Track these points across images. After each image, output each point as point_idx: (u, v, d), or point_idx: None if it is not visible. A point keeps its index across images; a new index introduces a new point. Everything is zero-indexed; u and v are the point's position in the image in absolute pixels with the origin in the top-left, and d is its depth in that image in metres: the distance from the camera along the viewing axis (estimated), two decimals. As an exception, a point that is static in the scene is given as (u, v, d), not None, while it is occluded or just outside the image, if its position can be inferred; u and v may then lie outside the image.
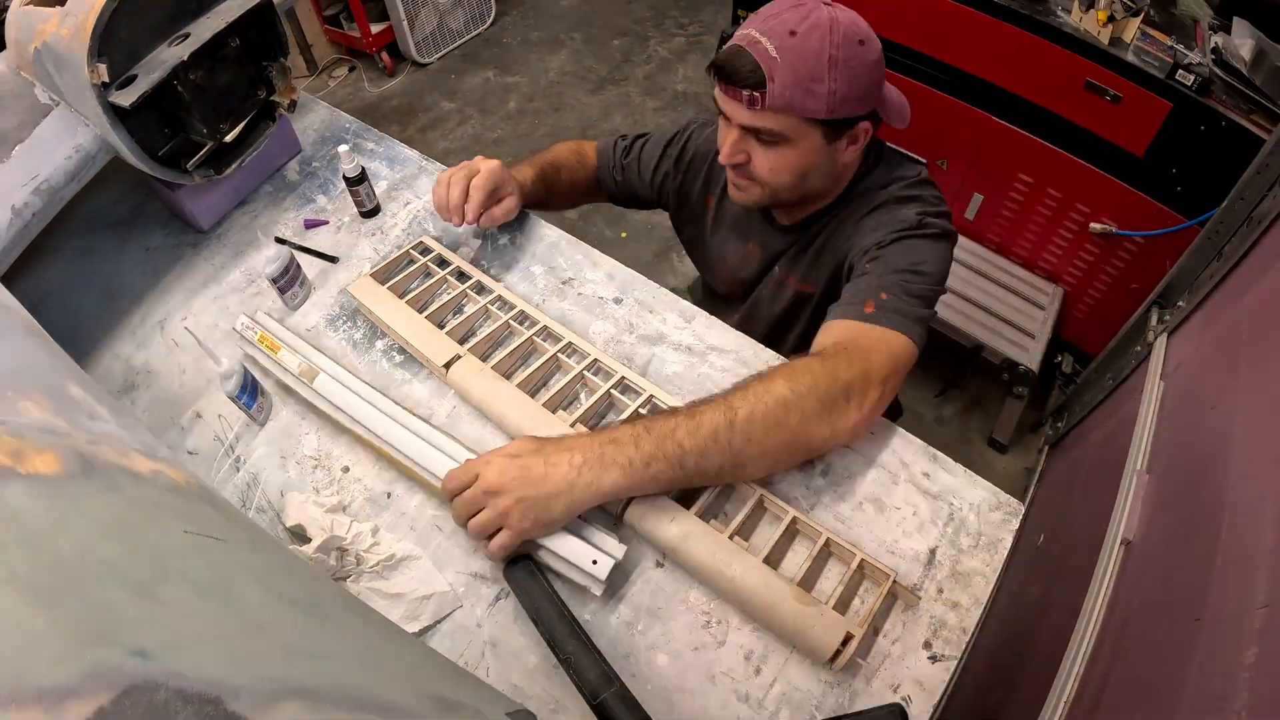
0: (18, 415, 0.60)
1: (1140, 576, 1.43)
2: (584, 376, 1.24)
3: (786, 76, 1.14)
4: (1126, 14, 2.07)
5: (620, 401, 1.21)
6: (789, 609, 0.97)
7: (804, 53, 1.13)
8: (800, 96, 1.16)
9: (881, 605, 1.01)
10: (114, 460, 0.60)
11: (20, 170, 1.26)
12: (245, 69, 1.44)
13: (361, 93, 4.29)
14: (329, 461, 1.22)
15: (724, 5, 4.46)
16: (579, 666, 0.94)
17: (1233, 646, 1.00)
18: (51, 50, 1.22)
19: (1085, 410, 2.36)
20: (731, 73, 1.17)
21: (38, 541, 0.47)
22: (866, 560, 1.03)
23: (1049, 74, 2.17)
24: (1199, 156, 2.04)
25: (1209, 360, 1.65)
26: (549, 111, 4.11)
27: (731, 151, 1.27)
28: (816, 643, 0.96)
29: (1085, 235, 2.41)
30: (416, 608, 1.04)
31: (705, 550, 1.02)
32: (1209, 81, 1.96)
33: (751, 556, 1.01)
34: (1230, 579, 1.12)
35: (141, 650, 0.41)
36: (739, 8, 2.66)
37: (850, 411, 1.07)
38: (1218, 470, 1.31)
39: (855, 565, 1.03)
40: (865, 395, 1.08)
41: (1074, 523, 1.94)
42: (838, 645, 0.95)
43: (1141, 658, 1.27)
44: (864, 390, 1.08)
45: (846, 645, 0.95)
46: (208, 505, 0.63)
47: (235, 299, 1.45)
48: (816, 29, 1.13)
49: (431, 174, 1.66)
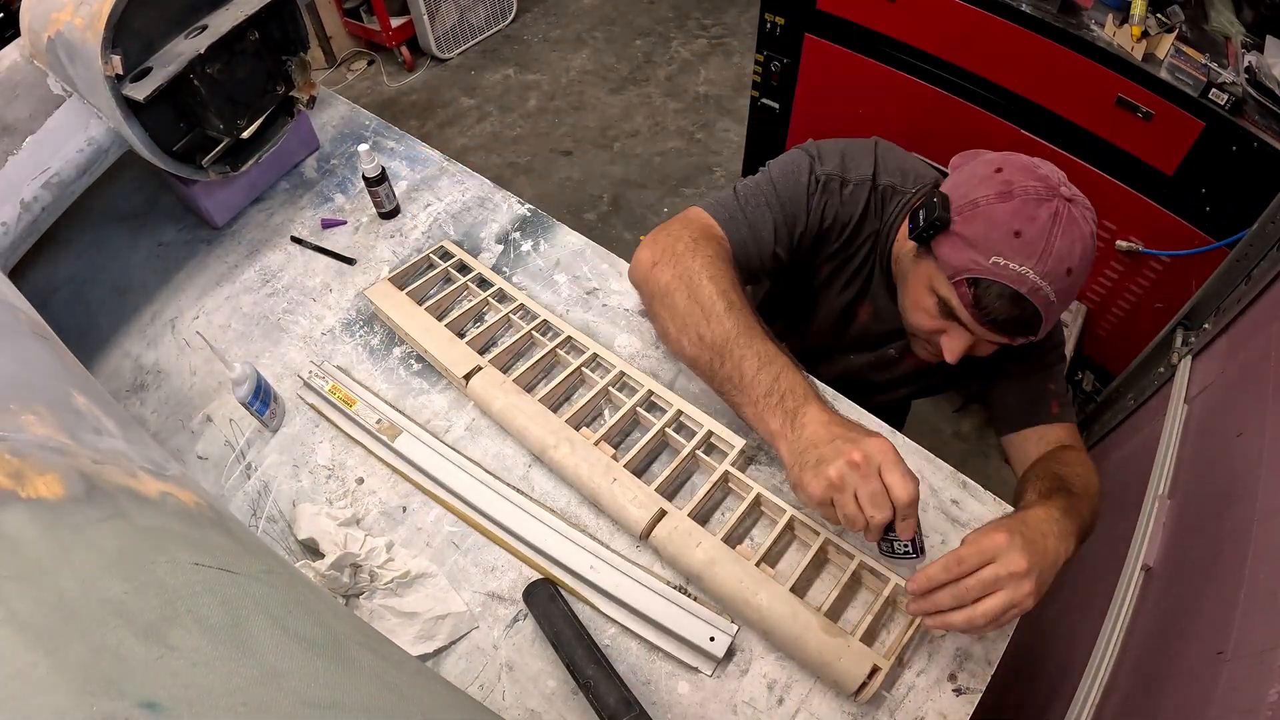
0: (20, 430, 0.57)
1: (1160, 605, 1.40)
2: (608, 391, 1.21)
3: (1057, 314, 1.09)
4: (1160, 30, 2.03)
5: (646, 419, 1.17)
6: (815, 640, 0.95)
7: (1075, 288, 1.07)
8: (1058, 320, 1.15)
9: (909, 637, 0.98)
10: (120, 482, 0.57)
11: (30, 163, 1.23)
12: (264, 63, 1.41)
13: (380, 87, 4.26)
14: (343, 472, 1.19)
15: (747, 7, 4.45)
16: (599, 691, 0.92)
17: (1257, 684, 0.98)
18: (65, 40, 1.19)
19: (1105, 430, 2.33)
20: (1010, 327, 1.09)
21: (39, 576, 0.44)
22: (899, 588, 1.00)
23: (1080, 89, 2.14)
24: (1230, 177, 2.00)
25: (1235, 385, 1.62)
26: (569, 110, 4.08)
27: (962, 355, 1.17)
28: (843, 675, 0.94)
29: (1111, 252, 2.37)
30: (431, 628, 1.01)
31: (731, 577, 1.00)
32: (1242, 101, 1.93)
33: (778, 585, 0.99)
34: (1255, 613, 1.10)
35: (151, 703, 0.38)
36: (766, 10, 2.63)
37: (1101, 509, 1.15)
38: (1244, 499, 1.28)
39: (886, 594, 1.00)
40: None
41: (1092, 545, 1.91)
42: (864, 678, 0.93)
43: (1161, 689, 1.24)
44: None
45: (873, 678, 0.93)
46: (218, 531, 0.60)
47: (249, 298, 1.43)
48: (1085, 259, 1.04)
49: (453, 175, 1.63)
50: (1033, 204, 1.02)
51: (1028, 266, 1.01)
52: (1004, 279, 1.03)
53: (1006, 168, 1.07)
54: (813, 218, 1.28)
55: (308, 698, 0.45)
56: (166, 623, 0.44)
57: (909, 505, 0.93)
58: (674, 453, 1.17)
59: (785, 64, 2.75)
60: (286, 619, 0.51)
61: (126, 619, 0.43)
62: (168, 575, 0.49)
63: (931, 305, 1.15)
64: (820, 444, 0.96)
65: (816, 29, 2.58)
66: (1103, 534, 1.85)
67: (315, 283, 1.45)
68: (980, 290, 1.06)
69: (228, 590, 0.51)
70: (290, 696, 0.44)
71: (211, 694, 0.41)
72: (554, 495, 1.14)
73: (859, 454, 0.92)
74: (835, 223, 1.29)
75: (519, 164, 3.80)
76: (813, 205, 1.27)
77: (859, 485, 0.92)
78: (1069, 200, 1.02)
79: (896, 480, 0.92)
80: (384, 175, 1.47)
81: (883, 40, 2.42)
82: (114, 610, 0.44)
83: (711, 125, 3.95)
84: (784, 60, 2.74)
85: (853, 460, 0.92)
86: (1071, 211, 1.02)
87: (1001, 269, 1.03)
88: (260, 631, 0.48)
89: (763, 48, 2.77)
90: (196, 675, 0.42)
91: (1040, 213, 1.01)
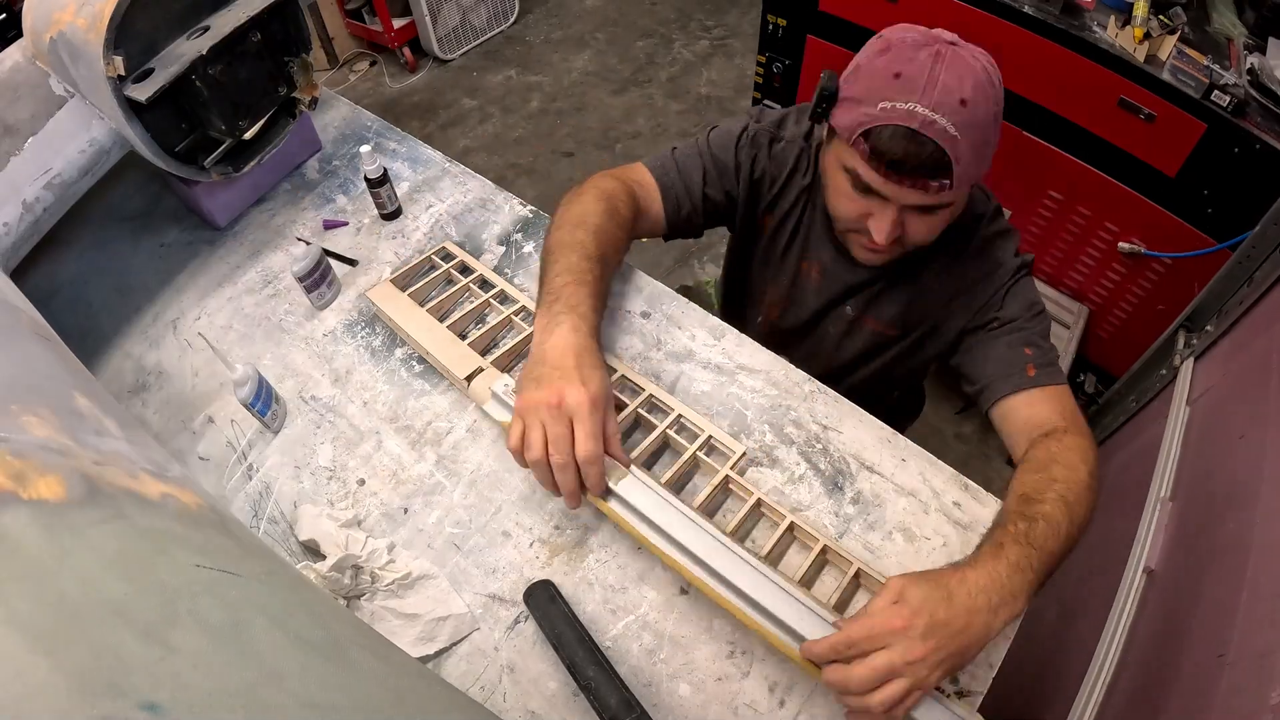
0: (21, 432, 0.57)
1: (1162, 607, 1.40)
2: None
3: (968, 154, 1.04)
4: (1163, 31, 2.03)
5: (647, 420, 1.17)
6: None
7: (978, 121, 1.04)
8: (978, 167, 1.08)
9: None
10: (121, 484, 0.57)
11: (33, 163, 1.23)
12: (266, 64, 1.41)
13: (382, 88, 4.26)
14: (344, 474, 1.19)
15: (749, 8, 4.45)
16: (600, 693, 0.92)
17: (1258, 686, 0.98)
18: (67, 40, 1.19)
19: (1107, 432, 2.33)
20: (914, 165, 1.05)
21: (40, 577, 0.44)
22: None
23: (1082, 90, 2.13)
24: (1232, 179, 2.00)
25: (1237, 388, 1.62)
26: (571, 111, 4.08)
27: (891, 233, 1.15)
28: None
29: (1113, 254, 2.37)
30: (432, 629, 1.01)
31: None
32: (1244, 103, 1.92)
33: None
34: (1257, 616, 1.10)
35: (152, 704, 0.38)
36: (768, 12, 2.63)
37: (1098, 488, 1.06)
38: (1245, 502, 1.29)
39: None
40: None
41: (1094, 547, 1.91)
42: None
43: (1162, 692, 1.24)
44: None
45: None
46: (220, 533, 0.60)
47: (251, 299, 1.42)
48: (980, 89, 1.03)
49: (455, 176, 1.63)
50: (910, 48, 1.05)
51: (913, 101, 1.02)
52: (893, 119, 1.03)
53: (888, 31, 1.11)
54: (743, 170, 1.36)
55: (308, 699, 0.45)
56: (167, 624, 0.44)
57: (586, 460, 0.97)
58: (676, 455, 1.16)
59: (787, 65, 2.75)
60: (287, 620, 0.51)
61: (127, 620, 0.43)
62: (169, 576, 0.49)
63: (846, 184, 1.16)
64: (548, 363, 1.02)
65: (819, 30, 2.58)
66: (1104, 536, 1.86)
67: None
68: (873, 138, 1.06)
69: (229, 592, 0.51)
70: (291, 698, 0.44)
71: (212, 695, 0.41)
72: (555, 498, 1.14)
73: (556, 398, 0.98)
74: (765, 176, 1.37)
75: (521, 165, 3.80)
76: (741, 158, 1.36)
77: (548, 423, 0.98)
78: (951, 43, 1.05)
79: (581, 435, 0.97)
80: (386, 176, 1.47)
81: (885, 42, 2.42)
82: (115, 611, 0.43)
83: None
84: (786, 62, 2.75)
85: (550, 401, 0.98)
86: (957, 51, 1.04)
87: (889, 111, 1.04)
88: (261, 633, 0.48)
89: (765, 49, 2.77)
90: (197, 676, 0.42)
91: (919, 55, 1.04)
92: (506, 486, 1.16)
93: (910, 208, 1.13)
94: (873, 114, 1.05)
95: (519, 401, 1.01)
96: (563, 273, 1.13)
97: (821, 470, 1.16)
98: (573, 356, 1.02)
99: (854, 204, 1.17)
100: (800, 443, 1.18)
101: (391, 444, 1.22)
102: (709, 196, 1.36)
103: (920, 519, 1.11)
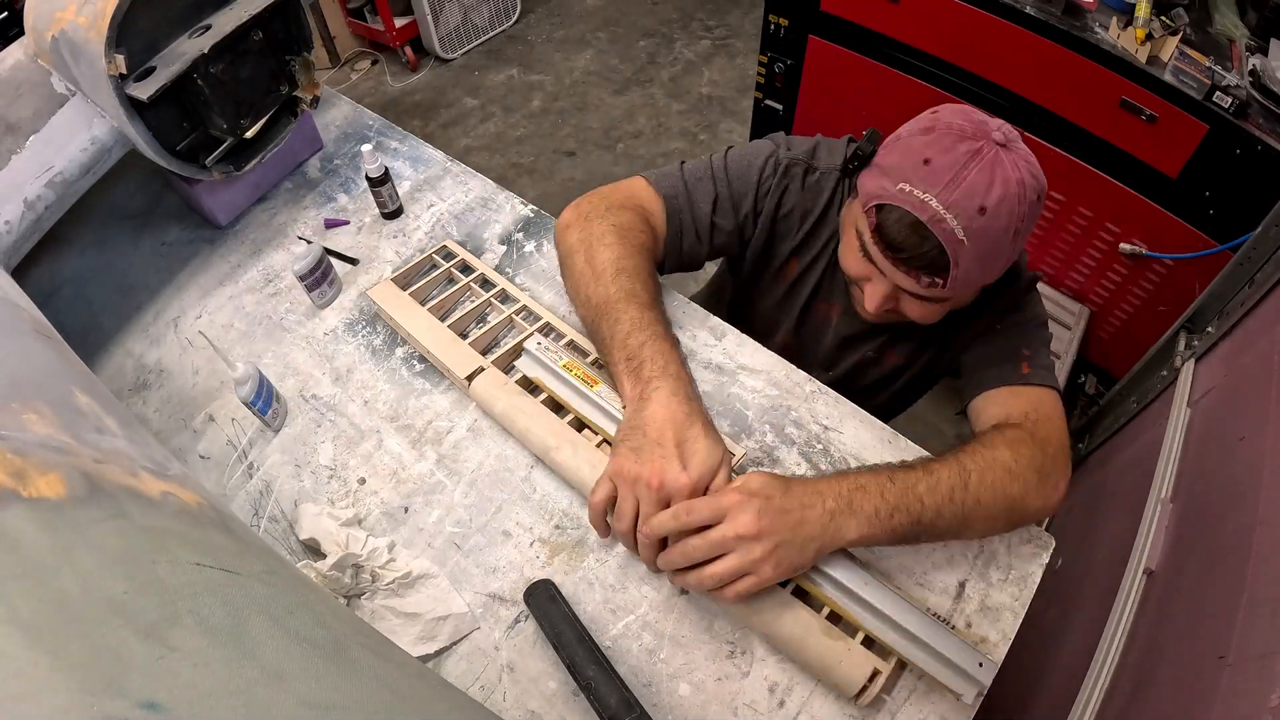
0: (22, 429, 0.57)
1: (1162, 609, 1.40)
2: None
3: (971, 262, 1.02)
4: (1165, 32, 2.03)
5: None
6: (816, 643, 0.95)
7: (992, 233, 1.00)
8: (980, 275, 1.06)
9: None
10: (122, 481, 0.57)
11: (34, 161, 1.23)
12: (267, 63, 1.41)
13: (384, 87, 4.27)
14: (344, 472, 1.19)
15: (751, 8, 4.44)
16: (599, 692, 0.92)
17: (1259, 688, 0.98)
18: (69, 39, 1.19)
19: (1107, 434, 2.32)
20: (910, 256, 1.04)
21: (40, 575, 0.44)
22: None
23: (1084, 91, 2.13)
24: (1234, 180, 1.99)
25: (1238, 389, 1.62)
26: (573, 111, 4.08)
27: (881, 306, 1.14)
28: (843, 678, 0.93)
29: (1114, 255, 2.37)
30: (433, 628, 1.01)
31: None
32: (1246, 105, 1.92)
33: (779, 588, 0.98)
34: (1257, 618, 1.10)
35: (152, 703, 0.38)
36: (770, 12, 2.63)
37: (1059, 483, 1.06)
38: (1246, 503, 1.29)
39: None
40: (1066, 466, 1.07)
41: (1094, 548, 1.91)
42: (864, 681, 0.92)
43: (1162, 694, 1.24)
44: (1065, 462, 1.07)
45: (873, 681, 0.93)
46: (220, 531, 0.60)
47: (251, 298, 1.43)
48: (1006, 202, 0.98)
49: (457, 175, 1.63)
50: (952, 137, 1.00)
51: (931, 194, 0.99)
52: (906, 204, 1.01)
53: (943, 110, 1.06)
54: (766, 200, 1.28)
55: (308, 698, 0.45)
56: (167, 623, 0.44)
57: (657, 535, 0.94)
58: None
59: (789, 65, 2.75)
60: (288, 620, 0.51)
61: (127, 619, 0.43)
62: (169, 575, 0.49)
63: (854, 243, 1.13)
64: (650, 436, 0.98)
65: (820, 30, 2.57)
66: (1105, 537, 1.86)
67: (318, 283, 1.44)
68: (883, 216, 1.04)
69: (229, 590, 0.51)
70: (291, 697, 0.44)
71: (212, 694, 0.41)
72: (555, 497, 1.14)
73: (657, 479, 0.94)
74: (795, 210, 1.30)
75: (522, 164, 3.80)
76: (766, 187, 1.28)
77: (642, 500, 0.95)
78: (1001, 145, 0.99)
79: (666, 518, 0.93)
80: (387, 175, 1.47)
81: (886, 42, 2.42)
82: (115, 610, 0.43)
83: (715, 126, 3.95)
84: (788, 61, 2.74)
85: (650, 481, 0.94)
86: (1000, 155, 0.98)
87: (905, 195, 1.01)
88: (261, 632, 0.48)
89: (766, 49, 2.77)
90: (197, 675, 0.42)
91: (959, 147, 0.99)
92: (507, 486, 1.16)
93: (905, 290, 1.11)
94: (890, 191, 1.03)
95: (613, 465, 0.99)
96: (634, 331, 1.08)
97: (822, 471, 1.16)
98: (672, 431, 0.98)
99: (857, 265, 1.15)
100: (801, 443, 1.18)
101: (392, 443, 1.22)
102: (717, 226, 1.29)
103: (920, 519, 1.11)
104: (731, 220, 1.29)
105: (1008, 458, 1.01)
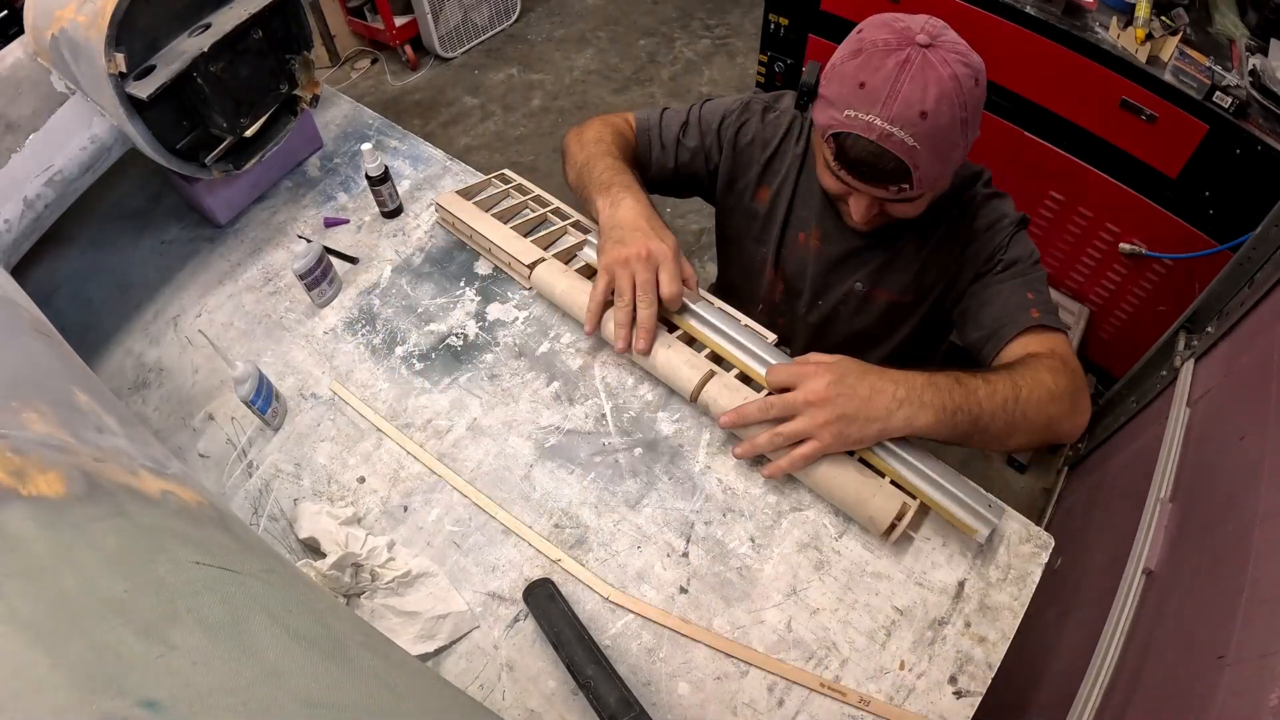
0: (21, 428, 0.57)
1: (1162, 608, 1.40)
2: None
3: (929, 161, 1.08)
4: (1165, 32, 2.03)
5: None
6: (851, 479, 1.05)
7: (939, 131, 1.06)
8: (942, 168, 1.12)
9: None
10: (121, 480, 0.57)
11: (34, 160, 1.23)
12: (267, 61, 1.41)
13: (384, 85, 4.26)
14: (344, 471, 1.19)
15: (751, 7, 4.44)
16: (599, 691, 0.92)
17: (1257, 688, 0.98)
18: (69, 37, 1.19)
19: (1107, 433, 2.32)
20: (874, 175, 1.12)
21: (40, 574, 0.44)
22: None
23: (1084, 91, 2.13)
24: (1233, 180, 1.99)
25: (1238, 389, 1.62)
26: (573, 110, 4.07)
27: (867, 219, 1.24)
28: (877, 510, 1.03)
29: (1114, 255, 2.36)
30: (432, 627, 1.01)
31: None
32: (1246, 105, 1.92)
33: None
34: (1256, 617, 1.10)
35: (151, 701, 0.38)
36: (770, 11, 2.63)
37: (1086, 409, 1.16)
38: (1245, 503, 1.28)
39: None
40: (1087, 396, 1.17)
41: (1093, 548, 1.91)
42: (894, 516, 1.02)
43: (1161, 693, 1.24)
44: (1086, 392, 1.17)
45: (902, 519, 1.02)
46: (219, 529, 0.60)
47: (251, 297, 1.42)
48: (944, 100, 1.05)
49: (457, 174, 1.63)
50: (879, 56, 1.07)
51: (874, 114, 1.07)
52: (855, 129, 1.09)
53: (867, 27, 1.13)
54: (726, 130, 1.46)
55: (308, 697, 0.45)
56: (167, 621, 0.44)
57: (670, 299, 1.19)
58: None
59: (789, 65, 2.75)
60: (287, 618, 0.51)
61: (127, 617, 0.43)
62: (168, 574, 0.49)
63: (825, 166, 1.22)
64: (626, 227, 1.21)
65: (820, 30, 2.58)
66: (1104, 537, 1.86)
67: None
68: (839, 143, 1.13)
69: (228, 589, 0.51)
70: (290, 696, 0.44)
71: (212, 693, 0.41)
72: (555, 495, 1.15)
73: (645, 249, 1.18)
74: (756, 141, 1.46)
75: (522, 163, 3.79)
76: (729, 120, 1.46)
77: (637, 271, 1.17)
78: (925, 47, 1.06)
79: (665, 278, 1.18)
80: (387, 174, 1.47)
81: (886, 42, 2.42)
82: (114, 609, 0.43)
83: (715, 126, 3.93)
84: (788, 61, 2.74)
85: (639, 253, 1.17)
86: (927, 57, 1.05)
87: (852, 120, 1.09)
88: (261, 631, 0.48)
89: (766, 48, 2.77)
90: (197, 674, 0.42)
91: (887, 62, 1.06)
92: (506, 485, 1.16)
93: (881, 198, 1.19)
94: (839, 119, 1.11)
95: (605, 259, 1.20)
96: (605, 170, 1.32)
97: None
98: (645, 220, 1.22)
99: (835, 186, 1.22)
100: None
101: (391, 442, 1.22)
102: (682, 144, 1.48)
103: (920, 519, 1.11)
104: (697, 142, 1.48)
105: (1049, 381, 1.11)
